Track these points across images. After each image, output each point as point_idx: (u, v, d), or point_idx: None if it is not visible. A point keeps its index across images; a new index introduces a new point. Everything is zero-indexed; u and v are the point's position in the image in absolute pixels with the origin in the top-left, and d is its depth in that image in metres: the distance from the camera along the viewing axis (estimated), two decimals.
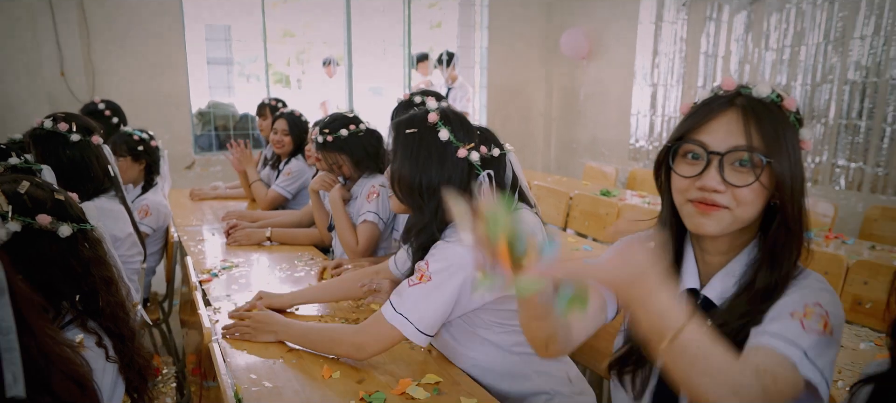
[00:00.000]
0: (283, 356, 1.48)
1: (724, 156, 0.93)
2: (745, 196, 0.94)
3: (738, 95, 0.97)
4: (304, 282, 2.06)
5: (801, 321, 0.90)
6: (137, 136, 2.68)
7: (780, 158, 0.93)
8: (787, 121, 0.96)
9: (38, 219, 1.18)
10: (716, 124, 0.95)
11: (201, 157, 4.98)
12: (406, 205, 1.48)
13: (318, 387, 1.32)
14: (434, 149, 1.41)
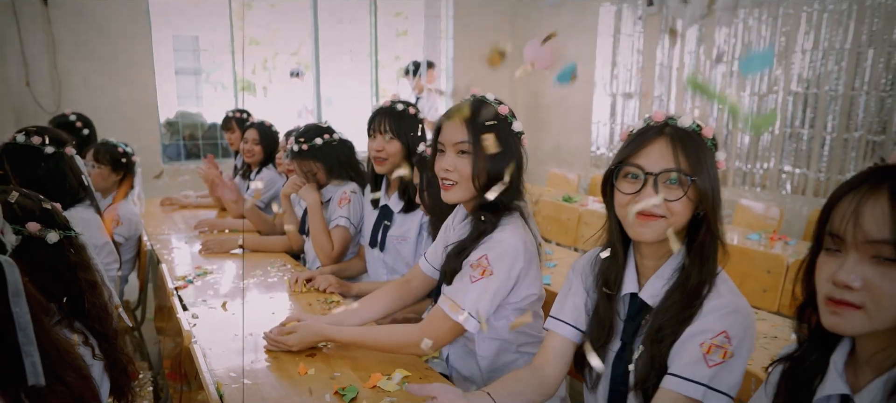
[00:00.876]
0: (260, 355, 1.57)
1: (657, 176, 1.14)
2: (676, 208, 1.14)
3: (666, 125, 1.18)
4: (278, 289, 2.15)
5: (704, 356, 1.11)
6: (122, 149, 2.73)
7: (702, 176, 1.14)
8: (705, 146, 1.17)
9: (27, 227, 1.25)
10: (649, 150, 1.16)
11: (170, 167, 5.00)
12: (472, 196, 1.53)
13: (294, 384, 1.42)
14: (512, 139, 1.51)
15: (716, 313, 1.15)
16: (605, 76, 5.44)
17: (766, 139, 4.32)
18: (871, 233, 0.82)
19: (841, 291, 0.85)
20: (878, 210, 0.82)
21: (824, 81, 3.94)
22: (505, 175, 1.45)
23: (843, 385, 0.91)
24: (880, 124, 3.71)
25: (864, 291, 0.83)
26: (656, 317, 1.20)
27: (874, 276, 0.82)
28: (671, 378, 1.13)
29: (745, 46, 4.36)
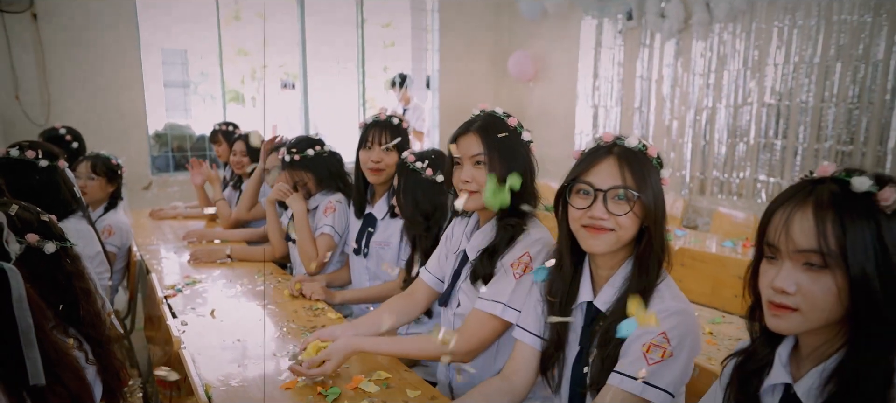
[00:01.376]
0: (248, 360, 1.65)
1: (606, 193, 1.24)
2: (623, 221, 1.24)
3: (614, 145, 1.29)
4: (261, 298, 2.22)
5: (644, 355, 1.21)
6: (115, 161, 2.81)
7: (647, 193, 1.24)
8: (650, 165, 1.28)
9: (26, 238, 1.33)
10: (599, 168, 1.26)
11: (158, 178, 5.05)
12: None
13: (279, 385, 1.50)
14: (522, 148, 1.61)
15: (657, 316, 1.24)
16: (587, 88, 5.57)
17: (742, 149, 4.45)
18: (801, 244, 0.92)
19: (779, 296, 0.95)
20: (806, 222, 0.93)
21: (796, 94, 4.09)
22: (522, 181, 1.54)
23: (786, 375, 1.01)
24: (849, 135, 3.85)
25: (799, 295, 0.93)
26: (606, 324, 1.30)
27: (806, 282, 0.92)
28: (614, 375, 1.22)
29: (720, 59, 4.50)
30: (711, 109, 4.63)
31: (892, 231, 0.92)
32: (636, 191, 1.23)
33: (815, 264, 0.92)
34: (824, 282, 0.92)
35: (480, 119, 1.62)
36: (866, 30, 3.69)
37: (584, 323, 1.37)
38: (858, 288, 0.90)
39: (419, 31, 6.46)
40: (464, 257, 1.74)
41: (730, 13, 4.31)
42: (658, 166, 1.30)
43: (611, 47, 5.31)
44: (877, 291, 0.90)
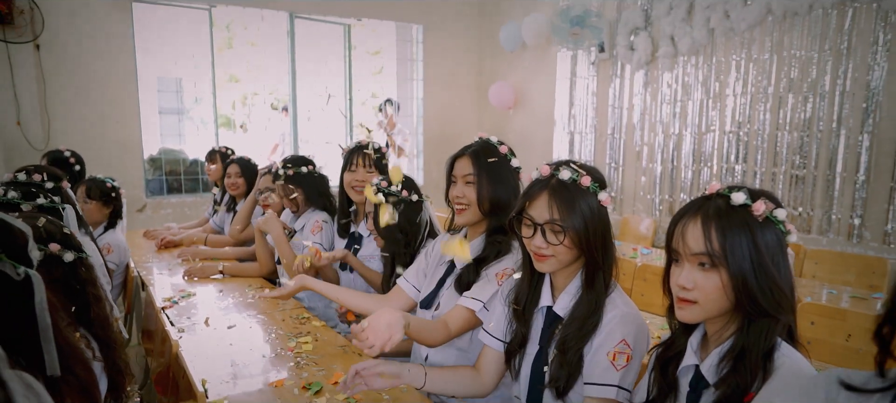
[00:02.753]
0: (239, 359, 1.87)
1: (543, 226, 1.43)
2: (559, 250, 1.43)
3: (551, 177, 1.47)
4: (254, 308, 2.44)
5: (611, 363, 1.41)
6: (110, 185, 3.01)
7: (577, 222, 1.42)
8: (583, 193, 1.44)
9: (50, 247, 1.55)
10: (537, 202, 1.45)
11: (152, 200, 5.26)
12: (479, 218, 1.84)
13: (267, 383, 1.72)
14: (510, 173, 1.83)
15: (613, 323, 1.44)
16: (563, 115, 5.85)
17: (707, 173, 4.73)
18: (693, 248, 1.17)
19: (682, 292, 1.19)
20: (697, 231, 1.17)
21: (753, 122, 4.38)
22: (507, 201, 1.77)
23: (695, 358, 1.25)
24: (802, 160, 4.13)
25: (696, 290, 1.17)
26: (563, 330, 1.50)
27: (701, 279, 1.17)
28: (590, 387, 1.42)
29: (684, 89, 4.79)
30: (678, 136, 4.91)
31: (764, 236, 1.16)
32: (563, 223, 1.41)
33: (705, 264, 1.16)
34: (713, 279, 1.16)
35: (476, 144, 1.85)
36: (814, 63, 3.99)
37: (543, 325, 1.57)
38: (738, 283, 1.15)
39: (405, 61, 6.75)
40: (450, 267, 1.95)
41: (692, 47, 4.61)
42: (597, 190, 1.44)
43: (585, 77, 5.61)
44: (753, 286, 1.14)
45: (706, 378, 1.22)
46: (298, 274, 2.60)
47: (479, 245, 1.88)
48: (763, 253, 1.16)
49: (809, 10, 3.92)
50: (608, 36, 5.21)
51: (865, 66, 3.76)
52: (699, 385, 1.25)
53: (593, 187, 1.45)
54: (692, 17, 4.59)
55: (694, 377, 1.26)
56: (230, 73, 10.62)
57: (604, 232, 1.46)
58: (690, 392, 1.26)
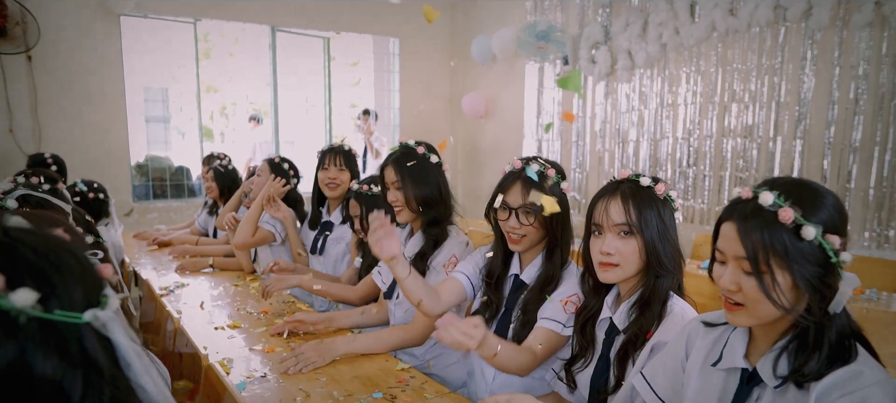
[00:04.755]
0: (234, 334, 2.15)
1: (517, 209, 1.74)
2: (530, 230, 1.75)
3: (522, 170, 1.77)
4: (242, 296, 2.71)
5: (563, 306, 1.73)
6: (79, 189, 3.22)
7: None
8: (555, 187, 1.75)
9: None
10: (512, 190, 1.76)
11: (139, 205, 5.49)
12: (412, 217, 2.12)
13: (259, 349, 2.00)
14: (431, 170, 2.10)
15: (568, 282, 1.76)
16: (531, 124, 6.21)
17: (662, 177, 5.09)
18: (616, 220, 1.49)
19: (606, 257, 1.51)
20: (617, 206, 1.49)
21: (702, 129, 4.76)
22: (432, 196, 2.06)
23: (609, 312, 1.57)
24: (745, 164, 4.52)
25: (617, 255, 1.49)
26: (527, 294, 1.82)
27: (621, 245, 1.49)
28: (542, 320, 1.72)
29: (641, 99, 5.17)
30: (636, 143, 5.28)
31: (665, 211, 1.50)
32: (533, 206, 1.72)
33: (624, 232, 1.48)
34: (631, 244, 1.48)
35: (397, 151, 2.13)
36: (753, 76, 4.39)
37: (510, 290, 1.88)
38: (649, 248, 1.47)
39: (382, 73, 7.07)
40: None
41: (647, 60, 5.00)
42: (560, 180, 1.77)
43: (551, 89, 5.97)
44: (659, 249, 1.47)
45: (617, 327, 1.55)
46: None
47: (419, 239, 2.17)
48: (666, 223, 1.49)
49: (748, 27, 4.32)
50: (571, 50, 5.58)
51: (797, 78, 4.16)
52: (612, 333, 1.58)
53: (556, 178, 1.77)
54: (647, 33, 4.97)
55: (609, 328, 1.58)
56: (208, 84, 10.83)
57: (563, 215, 1.77)
58: (605, 340, 1.59)
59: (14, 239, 0.77)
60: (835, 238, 1.04)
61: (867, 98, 3.86)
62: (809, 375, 1.04)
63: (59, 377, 0.73)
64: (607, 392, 1.55)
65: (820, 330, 1.05)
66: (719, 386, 1.20)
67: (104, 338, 0.77)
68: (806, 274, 1.04)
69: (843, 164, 4.01)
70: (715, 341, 1.26)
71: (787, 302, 1.06)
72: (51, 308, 0.71)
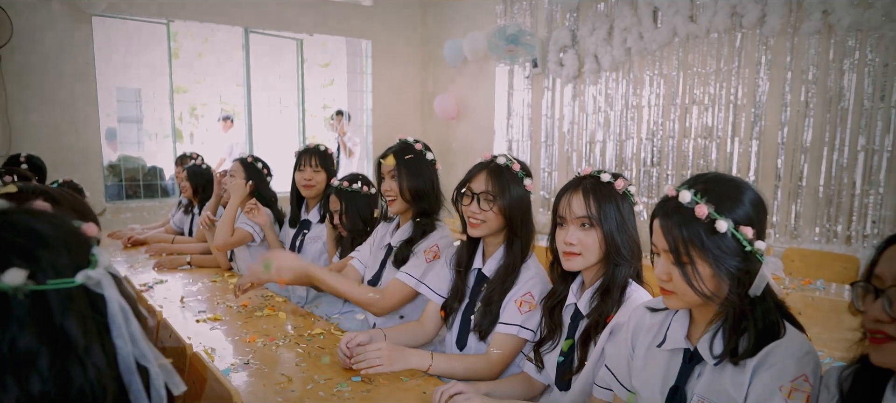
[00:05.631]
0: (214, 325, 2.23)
1: (479, 195, 1.85)
2: (488, 216, 1.86)
3: (489, 163, 1.89)
4: (220, 291, 2.79)
5: (517, 309, 1.85)
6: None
7: (505, 197, 1.84)
8: (513, 176, 1.87)
9: None
10: (477, 178, 1.88)
11: (112, 205, 5.48)
12: (405, 207, 2.25)
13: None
14: (426, 166, 2.23)
15: (523, 279, 1.88)
16: (502, 125, 6.36)
17: (627, 176, 5.27)
18: (578, 213, 1.61)
19: (568, 247, 1.64)
20: (579, 200, 1.62)
21: (665, 130, 4.96)
22: (425, 189, 2.19)
23: (574, 298, 1.70)
24: (706, 163, 4.72)
25: (579, 245, 1.62)
26: (488, 287, 1.95)
27: (582, 236, 1.62)
28: (500, 325, 1.85)
29: (607, 101, 5.36)
30: (602, 143, 5.46)
31: (624, 205, 1.63)
32: (494, 194, 1.84)
33: (586, 224, 1.61)
34: (592, 236, 1.61)
35: (396, 146, 2.27)
36: (712, 79, 4.60)
37: (474, 283, 2.01)
38: (608, 239, 1.61)
39: (355, 74, 7.16)
40: (389, 249, 2.36)
41: (613, 64, 5.18)
42: (523, 176, 1.88)
43: (521, 90, 6.13)
44: (618, 240, 1.61)
45: (581, 311, 1.68)
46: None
47: (408, 228, 2.30)
48: (624, 216, 1.63)
49: (707, 33, 4.53)
50: (540, 53, 5.74)
51: (752, 82, 4.38)
52: (577, 317, 1.71)
53: (521, 174, 1.89)
54: (612, 38, 5.16)
55: (574, 314, 1.72)
56: (176, 85, 10.72)
57: (524, 209, 1.88)
58: (571, 324, 1.72)
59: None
60: (749, 229, 1.18)
61: (816, 101, 4.10)
62: (744, 353, 1.19)
63: (34, 350, 0.80)
64: (572, 372, 1.68)
65: (743, 312, 1.19)
66: (664, 366, 1.34)
67: (97, 298, 0.79)
68: (724, 263, 1.18)
69: (796, 164, 4.24)
70: (660, 324, 1.40)
71: (707, 289, 1.20)
72: (42, 280, 0.76)
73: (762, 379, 1.15)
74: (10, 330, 0.74)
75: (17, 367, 0.75)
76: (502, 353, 1.83)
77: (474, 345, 1.94)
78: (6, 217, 0.82)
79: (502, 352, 1.83)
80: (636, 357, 1.42)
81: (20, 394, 0.74)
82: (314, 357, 1.93)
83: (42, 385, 0.76)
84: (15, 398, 0.74)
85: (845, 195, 4.03)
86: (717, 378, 1.24)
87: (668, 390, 1.31)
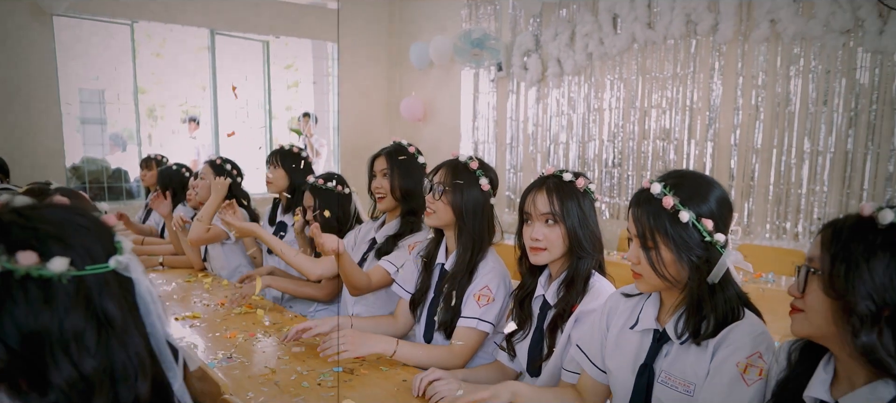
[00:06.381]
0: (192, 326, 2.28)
1: (434, 187, 1.98)
2: (439, 206, 1.99)
3: (452, 161, 2.02)
4: (196, 290, 2.83)
5: (476, 302, 1.96)
6: None
7: (456, 193, 1.97)
8: (469, 174, 1.99)
9: None
10: (439, 172, 2.01)
11: None
12: (394, 205, 2.35)
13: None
14: (417, 168, 2.33)
15: (481, 274, 2.00)
16: (468, 127, 6.48)
17: (590, 177, 5.46)
18: (542, 210, 1.73)
19: (535, 242, 1.75)
20: (543, 198, 1.74)
21: (625, 132, 5.15)
22: (414, 189, 2.29)
23: (542, 290, 1.81)
24: (664, 164, 4.93)
25: (544, 240, 1.74)
26: (449, 283, 2.06)
27: (547, 232, 1.73)
28: (461, 319, 1.97)
29: (570, 104, 5.53)
30: (566, 145, 5.63)
31: (585, 202, 1.75)
32: (447, 186, 1.98)
33: (550, 221, 1.73)
34: (556, 231, 1.73)
35: (390, 146, 2.38)
36: (669, 84, 4.81)
37: (437, 278, 2.12)
38: (570, 233, 1.73)
39: (321, 76, 7.19)
40: (372, 243, 2.45)
41: (575, 68, 5.36)
42: (479, 175, 2.00)
43: (486, 93, 6.27)
44: (580, 234, 1.73)
45: (549, 302, 1.80)
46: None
47: (395, 225, 2.40)
48: (585, 212, 1.75)
49: (664, 40, 4.73)
50: (505, 57, 5.88)
51: (707, 86, 4.60)
52: (545, 308, 1.83)
53: (478, 173, 2.01)
54: (574, 43, 5.33)
55: (542, 305, 1.83)
56: (139, 85, 10.53)
57: (476, 206, 1.99)
58: (539, 314, 1.84)
59: (28, 216, 0.90)
60: (709, 222, 1.32)
61: (766, 105, 4.33)
62: (705, 334, 1.33)
63: (81, 328, 0.87)
64: (542, 359, 1.80)
65: (702, 297, 1.33)
66: (636, 345, 1.48)
67: (125, 281, 0.86)
68: (685, 251, 1.31)
69: (748, 164, 4.47)
70: (632, 308, 1.53)
71: (668, 273, 1.34)
72: (80, 266, 0.83)
73: (721, 356, 1.29)
74: (57, 312, 0.81)
75: (68, 345, 0.82)
76: (465, 345, 1.95)
77: (441, 341, 2.05)
78: (39, 211, 0.89)
79: (465, 344, 1.94)
80: (610, 338, 1.55)
81: (73, 372, 0.82)
82: (295, 352, 2.00)
83: (93, 361, 0.83)
84: (68, 376, 0.82)
85: (793, 194, 4.27)
86: (682, 356, 1.37)
87: (638, 367, 1.44)
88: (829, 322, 1.04)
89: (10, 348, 0.80)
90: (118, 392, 0.85)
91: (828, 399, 1.07)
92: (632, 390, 1.44)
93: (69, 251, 0.82)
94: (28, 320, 0.79)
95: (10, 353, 0.81)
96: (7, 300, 0.78)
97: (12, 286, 0.78)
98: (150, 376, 0.90)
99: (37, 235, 0.82)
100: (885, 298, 0.97)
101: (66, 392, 0.82)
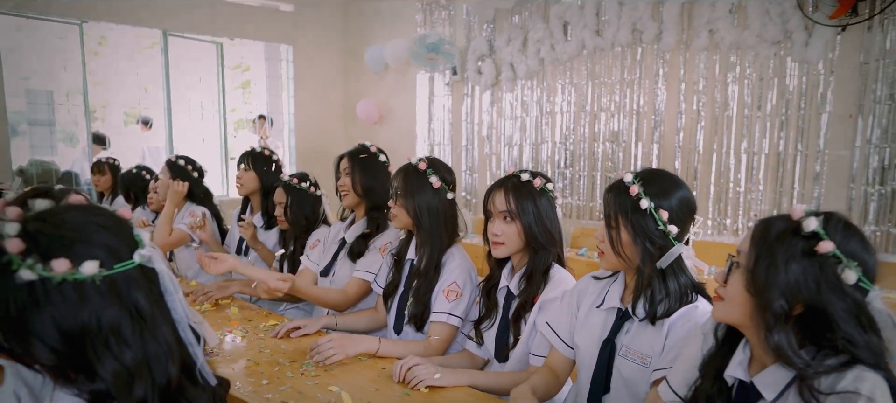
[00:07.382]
0: None
1: (395, 190, 2.14)
2: (399, 211, 2.13)
3: (404, 166, 2.16)
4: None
5: (445, 297, 2.10)
6: None
7: (408, 195, 2.11)
8: (420, 175, 2.12)
9: None
10: (397, 178, 2.15)
11: None
12: (357, 201, 2.46)
13: None
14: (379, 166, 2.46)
15: (448, 269, 2.14)
16: (423, 129, 6.60)
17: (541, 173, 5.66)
18: (500, 208, 1.87)
19: (493, 237, 1.89)
20: (501, 197, 1.88)
21: (576, 134, 5.38)
22: (375, 186, 2.41)
23: (506, 281, 1.95)
24: (613, 165, 5.17)
25: (503, 235, 1.88)
26: (417, 278, 2.18)
27: (505, 228, 1.88)
28: (433, 313, 2.10)
29: (523, 107, 5.72)
30: (519, 147, 5.82)
31: (541, 200, 1.91)
32: (399, 192, 2.12)
33: (507, 218, 1.88)
34: (513, 227, 1.88)
35: (354, 148, 2.51)
36: (617, 88, 5.05)
37: (408, 274, 2.24)
38: (526, 229, 1.87)
39: (275, 78, 7.17)
40: (342, 243, 2.54)
41: (528, 72, 5.55)
42: (428, 175, 2.12)
43: (441, 96, 6.40)
44: (535, 230, 1.88)
45: (513, 292, 1.95)
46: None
47: (363, 223, 2.50)
48: (541, 210, 1.90)
49: (612, 46, 4.97)
50: (459, 61, 6.03)
51: (652, 91, 4.86)
52: (509, 298, 1.97)
53: (428, 172, 2.13)
54: (526, 48, 5.52)
55: (506, 295, 1.98)
56: (70, 87, 10.18)
57: (429, 205, 2.11)
58: (505, 304, 1.99)
59: (53, 222, 0.96)
60: (665, 214, 1.50)
61: (706, 109, 4.62)
62: (661, 314, 1.51)
63: (117, 322, 0.94)
64: (509, 347, 1.94)
65: (652, 279, 1.51)
66: (602, 322, 1.66)
67: (150, 272, 0.93)
68: (641, 236, 1.50)
69: (690, 165, 4.75)
70: (601, 289, 1.72)
71: (624, 253, 1.54)
72: (109, 266, 0.92)
73: (675, 333, 1.48)
74: (94, 310, 0.88)
75: (108, 340, 0.90)
76: (440, 339, 2.09)
77: (411, 333, 2.17)
78: (60, 215, 0.95)
79: (440, 338, 2.09)
80: (579, 316, 1.72)
81: (116, 364, 0.90)
82: (275, 344, 2.08)
83: (132, 352, 0.91)
84: (113, 369, 0.90)
85: (732, 191, 4.57)
86: (641, 333, 1.55)
87: (601, 342, 1.61)
88: (746, 313, 1.14)
89: (55, 349, 0.88)
90: (154, 377, 0.94)
91: (745, 377, 1.20)
92: (595, 362, 1.61)
93: (96, 252, 0.88)
94: (68, 320, 0.87)
95: (56, 353, 0.88)
96: (47, 304, 0.85)
97: (51, 291, 0.85)
98: (179, 359, 0.98)
99: (64, 241, 0.88)
100: (798, 297, 1.07)
101: (113, 383, 0.90)
